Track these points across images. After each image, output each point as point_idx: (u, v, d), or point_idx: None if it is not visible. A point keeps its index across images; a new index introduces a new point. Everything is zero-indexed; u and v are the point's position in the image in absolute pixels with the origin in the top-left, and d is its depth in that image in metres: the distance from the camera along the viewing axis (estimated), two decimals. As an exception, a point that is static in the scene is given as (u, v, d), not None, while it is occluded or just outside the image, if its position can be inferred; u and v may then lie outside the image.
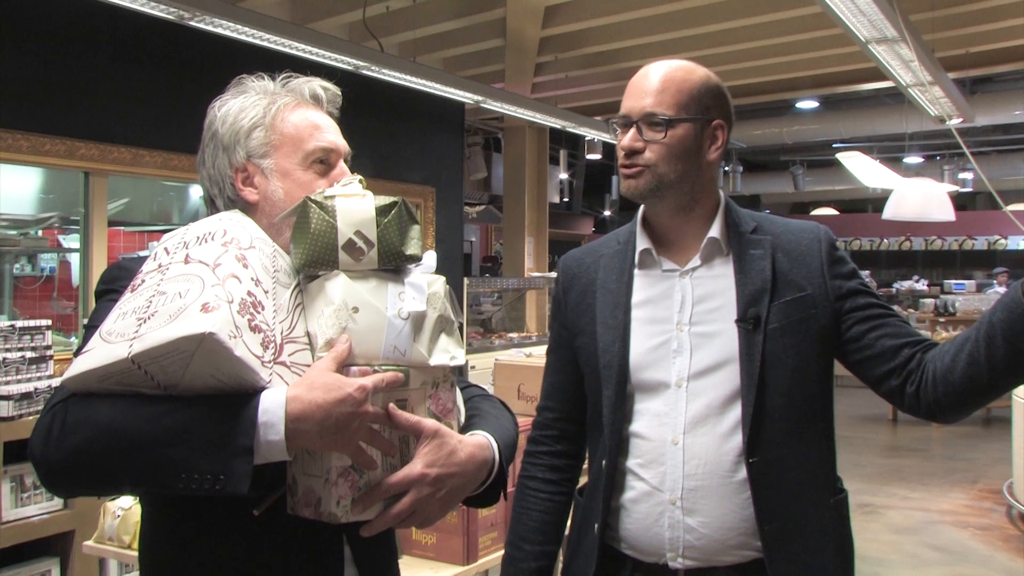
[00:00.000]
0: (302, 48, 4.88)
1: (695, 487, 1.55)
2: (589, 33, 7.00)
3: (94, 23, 4.82)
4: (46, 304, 6.78)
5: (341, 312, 1.23)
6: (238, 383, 1.16)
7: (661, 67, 1.62)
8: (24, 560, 3.83)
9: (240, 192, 1.38)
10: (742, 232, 1.63)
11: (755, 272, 1.59)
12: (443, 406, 1.30)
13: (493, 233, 14.47)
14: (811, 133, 11.37)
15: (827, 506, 1.61)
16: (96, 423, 1.14)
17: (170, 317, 1.13)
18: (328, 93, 1.46)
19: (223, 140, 1.38)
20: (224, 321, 1.13)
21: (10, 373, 3.84)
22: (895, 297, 13.29)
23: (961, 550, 5.42)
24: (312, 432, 1.17)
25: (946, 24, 6.20)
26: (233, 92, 1.43)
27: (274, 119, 1.39)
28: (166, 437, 1.13)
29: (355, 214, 1.26)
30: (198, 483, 1.13)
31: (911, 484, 7.06)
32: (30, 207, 5.91)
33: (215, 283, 1.18)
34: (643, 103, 1.59)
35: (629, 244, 1.70)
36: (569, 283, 1.75)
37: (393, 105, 6.74)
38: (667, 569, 1.57)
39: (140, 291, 1.22)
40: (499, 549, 2.62)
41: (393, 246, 1.27)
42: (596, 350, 1.64)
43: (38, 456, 1.16)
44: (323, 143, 1.40)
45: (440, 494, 1.26)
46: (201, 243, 1.25)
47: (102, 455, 1.14)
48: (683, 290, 1.62)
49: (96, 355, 1.16)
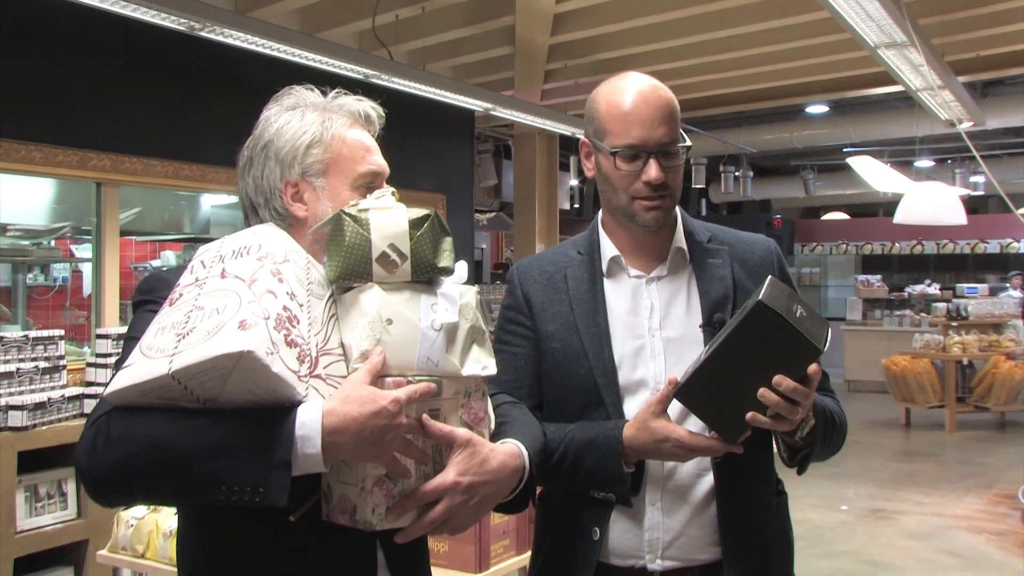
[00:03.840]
0: (312, 57, 4.90)
1: (674, 488, 1.62)
2: (598, 40, 7.00)
3: (106, 35, 4.85)
4: (59, 314, 6.82)
5: (375, 324, 1.25)
6: (275, 397, 1.19)
7: (654, 90, 1.63)
8: (38, 569, 3.85)
9: (289, 207, 1.41)
10: (699, 242, 1.72)
11: (716, 280, 1.67)
12: (475, 415, 1.33)
13: (504, 240, 14.47)
14: (821, 138, 11.33)
15: (771, 506, 1.71)
16: (138, 437, 1.17)
17: (208, 334, 1.16)
18: (375, 114, 1.50)
19: (279, 153, 1.41)
20: (261, 338, 1.16)
21: (24, 383, 3.86)
22: (907, 301, 13.22)
23: (976, 556, 5.39)
24: (348, 444, 1.19)
25: (956, 28, 6.18)
26: (287, 104, 1.46)
27: (332, 138, 1.42)
28: (206, 451, 1.17)
29: (389, 227, 1.28)
30: (238, 495, 1.16)
31: (925, 489, 7.02)
32: (43, 217, 5.95)
33: (251, 299, 1.20)
34: (659, 132, 1.60)
35: (594, 253, 1.73)
36: (529, 288, 1.74)
37: (403, 113, 6.71)
38: (645, 571, 1.62)
39: (178, 305, 1.24)
40: (511, 557, 2.62)
41: (426, 258, 1.30)
42: (572, 356, 1.65)
43: (83, 468, 1.20)
44: (373, 167, 1.44)
45: (473, 502, 1.29)
46: (237, 257, 1.28)
47: (144, 468, 1.17)
48: (651, 296, 1.68)
49: (137, 370, 1.19)
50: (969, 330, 10.00)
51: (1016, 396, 9.24)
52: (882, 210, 15.61)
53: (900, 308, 13.07)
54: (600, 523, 1.64)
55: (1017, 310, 10.51)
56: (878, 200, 14.42)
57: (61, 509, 3.86)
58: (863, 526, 6.04)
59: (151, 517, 2.67)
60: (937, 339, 9.92)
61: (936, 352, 9.74)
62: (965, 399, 9.79)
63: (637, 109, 1.61)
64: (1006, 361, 9.43)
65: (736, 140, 11.15)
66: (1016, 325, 10.23)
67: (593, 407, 1.64)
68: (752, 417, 1.44)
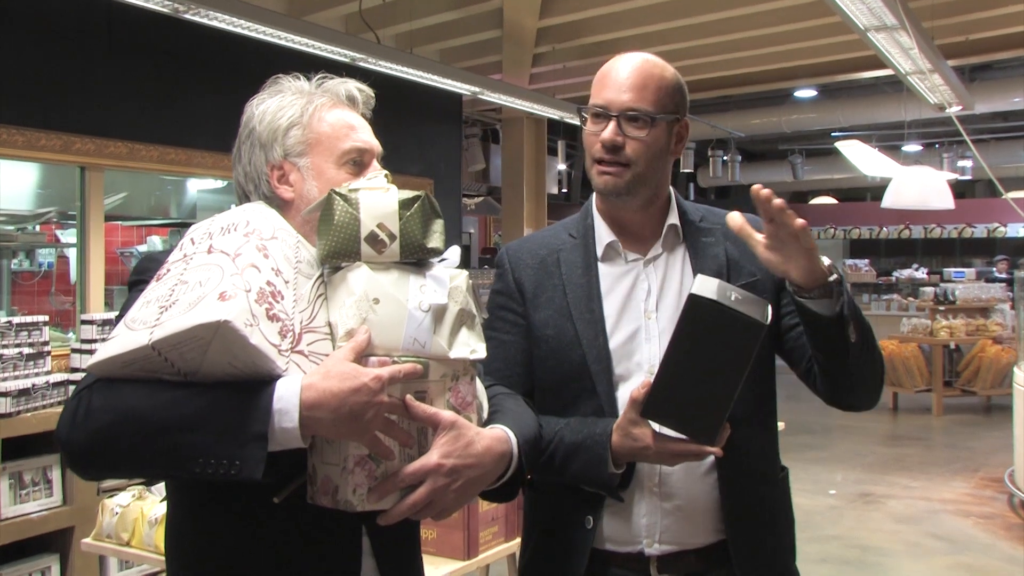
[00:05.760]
0: (298, 40, 4.85)
1: (671, 472, 1.59)
2: (586, 23, 6.97)
3: (89, 17, 4.79)
4: (44, 300, 6.78)
5: (362, 303, 1.25)
6: (254, 371, 1.19)
7: (636, 60, 1.62)
8: (24, 557, 3.83)
9: (276, 190, 1.42)
10: (692, 221, 1.70)
11: (710, 258, 1.66)
12: (462, 399, 1.32)
13: (492, 224, 14.45)
14: (810, 122, 11.35)
15: (777, 483, 1.70)
16: (117, 408, 1.17)
17: (189, 305, 1.16)
18: (363, 95, 1.51)
19: (261, 137, 1.43)
20: (240, 310, 1.16)
21: (7, 369, 3.82)
22: (895, 286, 13.27)
23: (963, 539, 5.43)
24: (326, 420, 1.18)
25: (945, 11, 6.17)
26: (270, 91, 1.47)
27: (311, 119, 1.42)
28: (184, 422, 1.16)
29: (378, 207, 1.29)
30: (214, 468, 1.16)
31: (912, 473, 7.06)
32: (28, 202, 5.90)
33: (234, 272, 1.20)
34: (623, 97, 1.59)
35: (588, 237, 1.71)
36: (521, 273, 1.71)
37: (390, 97, 6.63)
38: (642, 556, 1.61)
39: (164, 280, 1.25)
40: (500, 544, 2.61)
41: (415, 239, 1.29)
42: (566, 343, 1.64)
43: (64, 439, 1.20)
44: (358, 143, 1.44)
45: (456, 485, 1.27)
46: (225, 233, 1.28)
47: (123, 439, 1.17)
48: (648, 279, 1.67)
49: (119, 342, 1.19)
50: (956, 314, 10.05)
51: (1003, 380, 9.29)
52: (870, 195, 15.66)
53: (888, 292, 13.14)
54: (593, 512, 1.62)
55: (1004, 294, 10.57)
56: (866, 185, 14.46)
57: (46, 496, 3.84)
58: (851, 510, 6.07)
59: (136, 505, 2.65)
60: (924, 323, 9.97)
61: (923, 336, 9.79)
62: (952, 383, 9.85)
63: (612, 72, 1.62)
64: (993, 345, 9.48)
65: (724, 124, 11.14)
66: (1003, 309, 10.28)
67: (587, 395, 1.62)
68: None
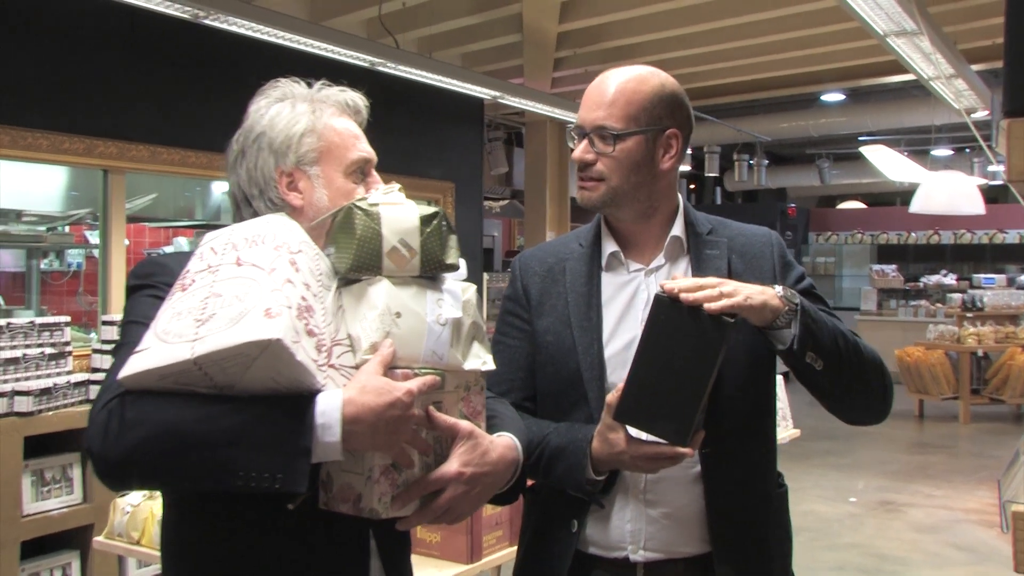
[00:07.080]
0: (319, 46, 4.89)
1: (658, 479, 1.60)
2: (607, 28, 6.96)
3: (111, 23, 4.86)
4: (72, 299, 6.89)
5: (385, 317, 1.28)
6: (296, 386, 1.20)
7: (615, 77, 1.64)
8: (45, 553, 3.90)
9: (285, 196, 1.43)
10: (699, 233, 1.71)
11: (712, 271, 1.64)
12: (474, 408, 1.38)
13: (516, 227, 14.45)
14: (837, 126, 11.23)
15: (770, 499, 1.69)
16: (155, 422, 1.17)
17: (231, 321, 1.16)
18: (361, 104, 1.54)
19: (273, 143, 1.43)
20: (287, 327, 1.17)
21: (30, 369, 3.89)
22: (923, 292, 13.10)
23: (986, 550, 5.35)
24: (365, 433, 1.22)
25: (971, 15, 6.10)
26: (273, 96, 1.48)
27: (324, 128, 1.45)
28: (225, 437, 1.17)
29: (400, 222, 1.32)
30: (256, 481, 1.17)
31: (936, 481, 6.97)
32: (57, 204, 6.01)
33: (274, 288, 1.21)
34: (595, 115, 1.62)
35: (594, 247, 1.73)
36: (529, 280, 1.76)
37: (411, 101, 6.74)
38: (628, 562, 1.62)
39: (192, 291, 1.24)
40: (503, 548, 2.62)
41: (435, 255, 1.34)
42: (565, 350, 1.66)
43: (96, 452, 1.19)
44: (363, 153, 1.47)
45: (473, 492, 1.34)
46: (252, 246, 1.28)
47: (161, 453, 1.17)
48: (648, 289, 1.67)
49: (155, 354, 1.17)
50: (985, 321, 9.91)
51: (1032, 388, 9.14)
52: (899, 199, 15.45)
53: (916, 299, 12.96)
54: (578, 515, 1.64)
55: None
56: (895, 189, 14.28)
57: (67, 494, 3.90)
58: (871, 518, 6.01)
59: (147, 504, 2.69)
60: (951, 330, 9.83)
61: (950, 343, 9.66)
62: (980, 391, 9.71)
63: (589, 90, 1.65)
64: (1022, 353, 9.34)
65: (752, 128, 11.07)
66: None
67: (582, 402, 1.64)
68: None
